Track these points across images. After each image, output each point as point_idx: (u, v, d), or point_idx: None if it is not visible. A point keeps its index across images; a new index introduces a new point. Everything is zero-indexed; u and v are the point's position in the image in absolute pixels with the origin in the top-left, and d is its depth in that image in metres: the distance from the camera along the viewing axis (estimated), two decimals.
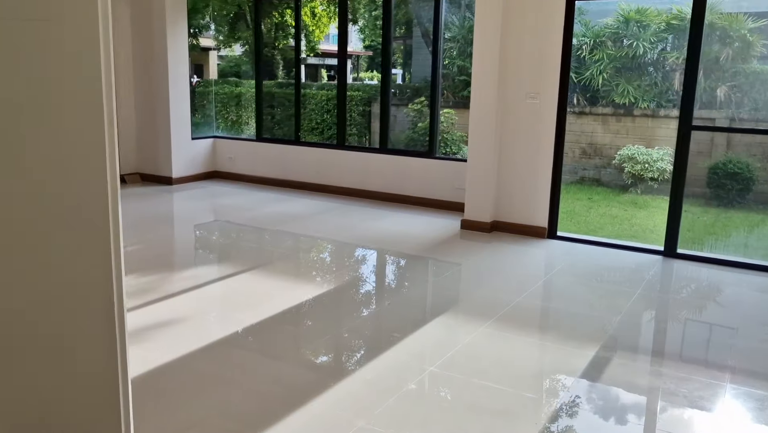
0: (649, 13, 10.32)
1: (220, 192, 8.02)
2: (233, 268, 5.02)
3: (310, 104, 12.21)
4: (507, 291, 4.59)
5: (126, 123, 8.26)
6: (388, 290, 4.72)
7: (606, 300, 4.54)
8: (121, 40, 8.05)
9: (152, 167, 8.39)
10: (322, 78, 21.54)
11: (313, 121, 12.26)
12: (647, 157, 9.90)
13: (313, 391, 3.01)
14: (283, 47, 17.12)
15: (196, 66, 24.06)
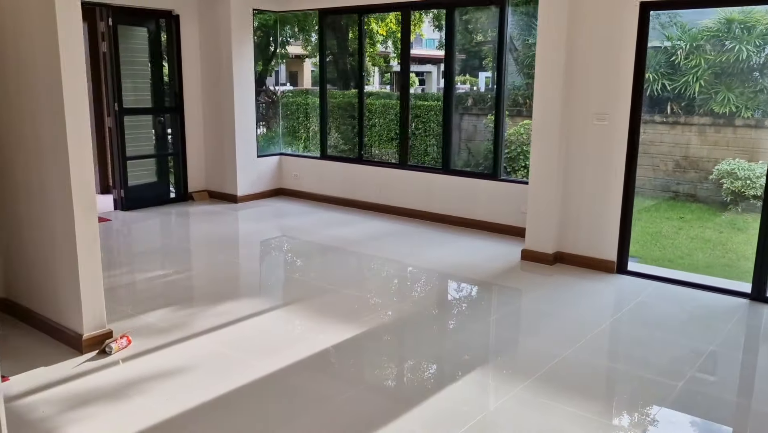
0: (755, 13, 9.32)
1: (282, 211, 7.95)
2: (275, 301, 4.85)
3: (389, 114, 11.99)
4: (558, 341, 4.13)
5: (195, 142, 8.36)
6: (425, 333, 4.37)
7: (671, 357, 3.98)
8: (191, 61, 8.15)
9: (219, 185, 8.45)
10: (414, 84, 21.28)
11: (392, 131, 12.03)
12: (749, 173, 8.93)
13: None
14: (369, 54, 17.04)
15: (290, 74, 24.47)
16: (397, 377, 3.71)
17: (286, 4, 8.34)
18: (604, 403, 3.40)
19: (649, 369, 3.79)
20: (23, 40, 3.81)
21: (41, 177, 3.91)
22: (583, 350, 4.01)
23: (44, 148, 3.83)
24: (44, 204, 3.93)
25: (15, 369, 3.63)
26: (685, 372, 3.73)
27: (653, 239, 8.21)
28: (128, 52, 7.62)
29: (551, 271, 5.64)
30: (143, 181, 8.01)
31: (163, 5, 7.78)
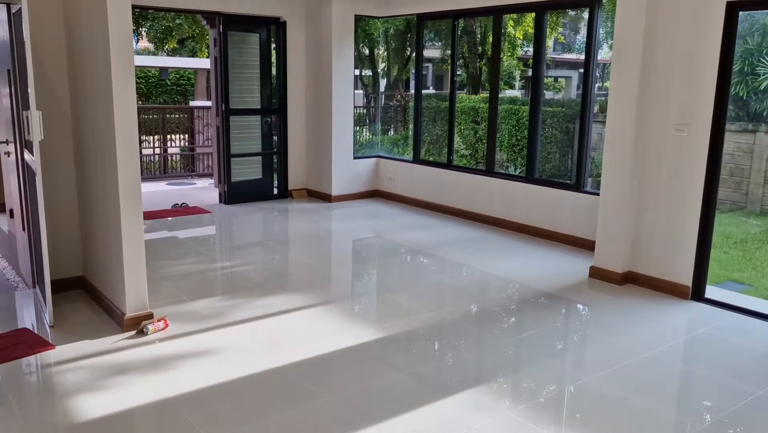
0: None
1: (370, 212, 8.11)
2: (318, 298, 5.00)
3: (511, 120, 11.75)
4: (585, 365, 3.87)
5: (297, 142, 8.78)
6: (447, 341, 4.28)
7: (712, 400, 3.57)
8: (296, 65, 8.57)
9: (317, 184, 8.80)
10: (553, 88, 20.60)
11: (513, 137, 11.77)
12: None
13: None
14: (507, 58, 16.78)
15: (436, 78, 24.68)
16: (391, 385, 3.69)
17: (386, 10, 8.49)
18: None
19: (672, 409, 3.44)
20: (91, 52, 4.28)
21: (102, 172, 4.37)
22: (607, 378, 3.73)
23: (103, 148, 4.28)
24: (104, 196, 4.39)
25: (65, 339, 4.10)
26: (723, 419, 3.34)
27: (745, 256, 7.35)
28: (239, 57, 8.20)
29: (618, 291, 5.26)
30: (247, 178, 8.56)
31: (272, 13, 8.26)
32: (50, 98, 4.71)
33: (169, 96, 21.58)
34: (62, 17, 4.69)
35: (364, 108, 16.46)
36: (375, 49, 17.30)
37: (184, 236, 7.14)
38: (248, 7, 8.00)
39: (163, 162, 12.69)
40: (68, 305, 4.68)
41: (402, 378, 3.75)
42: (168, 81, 21.48)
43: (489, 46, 16.36)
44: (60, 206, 4.89)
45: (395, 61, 18.18)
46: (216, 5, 7.74)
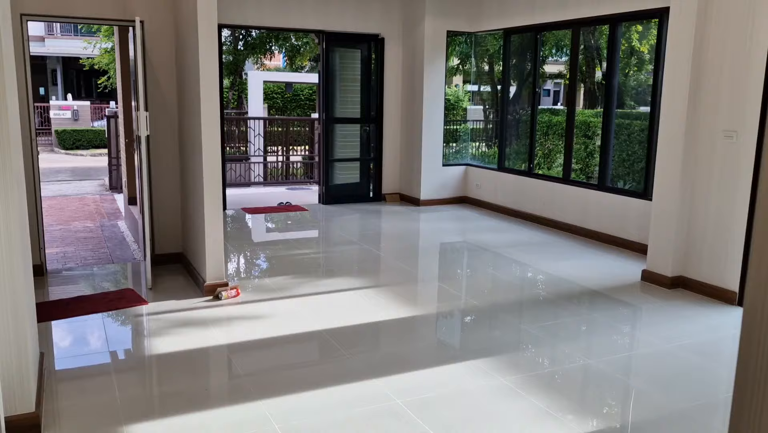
0: None
1: (453, 216, 8.59)
2: (373, 282, 5.60)
3: (622, 135, 11.70)
4: (596, 351, 4.15)
5: (391, 149, 9.47)
6: (491, 321, 4.70)
7: (708, 391, 3.73)
8: (392, 78, 9.28)
9: (408, 189, 9.43)
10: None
11: (624, 152, 11.70)
12: None
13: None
14: (632, 73, 16.48)
15: (589, 93, 24.45)
16: (406, 351, 4.20)
17: (476, 26, 8.98)
18: (579, 406, 3.46)
19: (663, 394, 3.66)
20: (190, 63, 5.22)
21: (192, 162, 5.28)
22: (612, 363, 3.99)
23: (194, 142, 5.19)
24: (195, 186, 5.30)
25: (157, 298, 5.03)
26: (707, 406, 3.52)
27: None
28: (342, 71, 9.06)
29: (666, 295, 5.37)
30: (345, 182, 9.38)
31: (372, 30, 9.04)
32: (161, 103, 5.73)
33: (302, 110, 23.24)
34: (174, 34, 5.71)
35: (482, 122, 16.88)
36: (495, 65, 17.68)
37: (279, 227, 8.06)
38: (350, 25, 8.83)
39: (285, 169, 13.93)
40: (167, 275, 5.65)
41: (419, 347, 4.25)
42: (301, 95, 23.16)
43: (596, 60, 16.19)
44: (166, 194, 5.90)
45: (516, 77, 18.44)
46: (319, 24, 8.65)
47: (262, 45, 15.95)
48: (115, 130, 10.86)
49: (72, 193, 11.15)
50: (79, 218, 8.65)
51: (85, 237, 7.44)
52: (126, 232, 7.72)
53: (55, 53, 25.64)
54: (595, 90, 17.38)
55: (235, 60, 15.93)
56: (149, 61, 5.57)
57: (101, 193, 11.31)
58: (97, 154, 18.38)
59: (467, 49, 17.00)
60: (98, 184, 12.55)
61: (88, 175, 14.12)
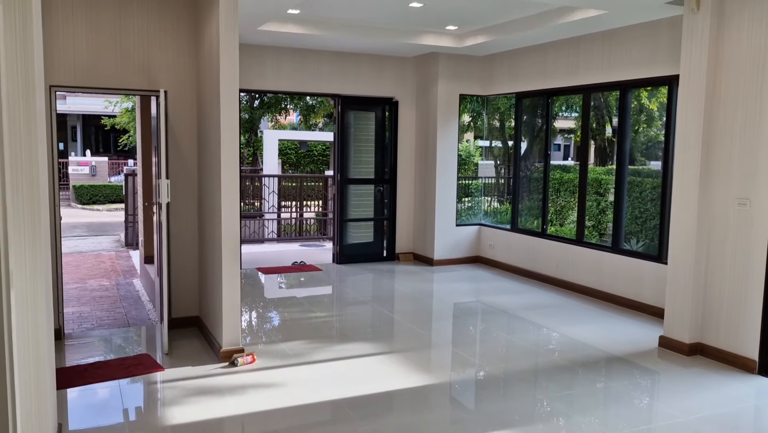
0: None
1: (467, 276, 8.59)
2: (387, 347, 5.59)
3: (634, 192, 11.74)
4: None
5: (405, 209, 9.56)
6: (504, 391, 4.66)
7: None
8: (405, 139, 9.45)
9: (422, 249, 9.47)
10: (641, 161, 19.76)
11: (636, 210, 11.72)
12: None
13: None
14: (642, 130, 16.64)
15: (600, 150, 24.66)
16: (415, 422, 4.16)
17: (488, 90, 9.17)
18: None
19: None
20: (210, 130, 5.37)
21: (212, 230, 5.37)
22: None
23: (213, 211, 5.29)
24: (213, 251, 5.38)
25: (174, 364, 5.04)
26: None
27: None
28: (357, 132, 9.25)
29: (684, 362, 5.31)
30: (359, 241, 9.44)
31: (386, 93, 9.26)
32: (182, 169, 5.87)
33: (316, 165, 23.57)
34: (195, 102, 5.89)
35: (493, 179, 17.00)
36: (506, 122, 17.93)
37: (294, 288, 8.09)
38: (364, 88, 9.06)
39: (299, 225, 14.04)
40: (183, 339, 5.67)
41: (433, 419, 4.22)
42: (315, 152, 23.51)
43: (606, 119, 16.37)
44: (184, 257, 5.98)
45: (527, 133, 18.68)
46: (335, 88, 8.88)
47: (277, 104, 16.31)
48: (132, 187, 11.06)
49: (88, 250, 11.28)
50: (95, 275, 8.74)
51: (101, 296, 7.51)
52: (141, 291, 7.78)
53: (76, 111, 26.30)
54: (605, 147, 17.55)
55: (251, 118, 16.27)
56: (171, 129, 5.74)
57: (117, 249, 11.44)
58: (113, 209, 18.64)
59: (479, 106, 17.29)
60: (114, 240, 12.69)
61: (104, 231, 14.29)
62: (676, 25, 6.16)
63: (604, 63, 7.17)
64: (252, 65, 8.19)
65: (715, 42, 5.22)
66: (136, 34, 5.65)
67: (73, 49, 5.47)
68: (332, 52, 8.74)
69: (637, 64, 6.76)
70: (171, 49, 5.77)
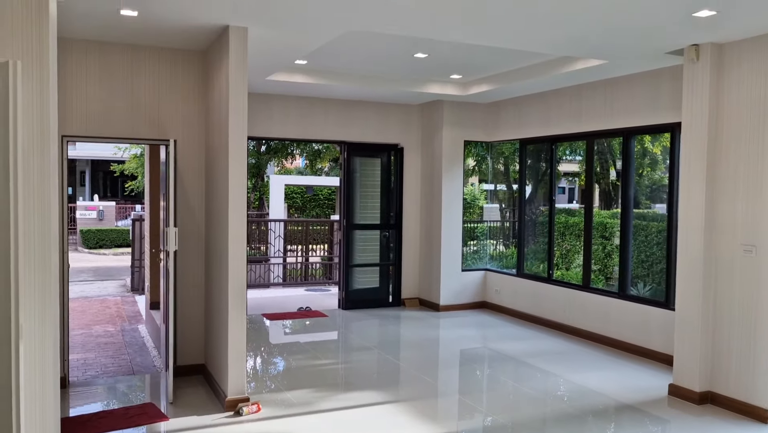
0: None
1: (473, 322, 8.54)
2: (392, 396, 5.54)
3: (640, 236, 11.74)
4: None
5: (410, 254, 9.57)
6: None
7: None
8: (411, 185, 9.53)
9: (427, 294, 9.45)
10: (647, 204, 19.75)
11: (642, 253, 11.69)
12: None
13: None
14: (645, 173, 16.70)
15: (604, 193, 24.72)
16: None
17: (492, 136, 9.29)
18: None
19: None
20: (218, 177, 5.44)
21: (219, 280, 5.39)
22: None
23: (220, 254, 5.32)
24: (219, 300, 5.39)
25: (178, 413, 5.00)
26: None
27: None
28: (362, 177, 9.34)
29: (694, 411, 5.23)
30: (365, 286, 9.43)
31: (391, 140, 9.38)
32: (189, 217, 5.93)
33: (321, 209, 23.68)
34: (204, 150, 5.98)
35: (498, 222, 17.03)
36: (510, 165, 18.06)
37: (300, 335, 8.06)
38: (370, 135, 9.18)
39: (304, 270, 14.04)
40: (188, 387, 5.63)
41: None
42: (321, 195, 23.66)
43: (611, 163, 16.45)
44: (190, 304, 5.99)
45: (531, 177, 18.79)
46: (341, 135, 9.00)
47: (284, 149, 16.53)
48: (139, 232, 11.13)
49: (94, 295, 11.28)
50: (100, 321, 8.73)
51: (106, 342, 7.48)
52: (146, 337, 7.76)
53: (85, 156, 26.66)
54: (610, 190, 17.60)
55: (258, 163, 16.47)
56: (179, 177, 5.82)
57: (122, 294, 11.44)
58: (119, 253, 18.70)
59: (483, 151, 17.44)
60: (120, 285, 12.70)
61: (110, 276, 14.32)
62: (676, 73, 6.27)
63: (606, 110, 7.28)
64: (259, 113, 8.33)
65: (715, 92, 5.31)
66: (147, 85, 5.78)
67: (86, 100, 5.59)
68: (338, 100, 8.90)
69: (640, 111, 6.86)
70: (181, 99, 5.89)
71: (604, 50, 5.81)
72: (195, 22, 5.02)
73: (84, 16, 4.89)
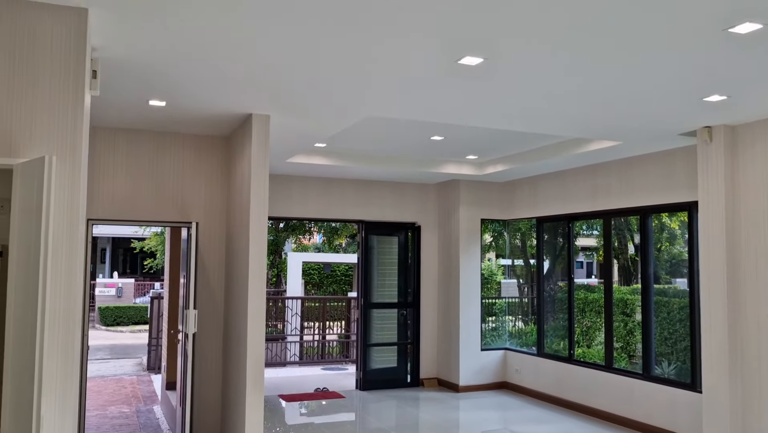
0: None
1: (492, 404, 8.34)
2: None
3: (662, 312, 11.53)
4: None
5: (428, 333, 9.48)
6: None
7: None
8: (428, 263, 9.55)
9: (446, 374, 9.28)
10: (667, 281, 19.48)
11: (665, 330, 11.45)
12: None
13: None
14: (664, 248, 16.58)
15: (623, 268, 24.46)
16: None
17: (509, 214, 9.36)
18: None
19: None
20: (238, 260, 5.51)
21: (237, 355, 5.38)
22: None
23: (238, 336, 5.32)
24: (237, 378, 5.35)
25: None
26: None
27: None
28: (380, 256, 9.39)
29: None
30: (382, 366, 9.31)
31: (409, 219, 9.48)
32: (209, 296, 5.97)
33: (338, 286, 23.65)
34: (225, 231, 6.08)
35: (516, 298, 16.85)
36: (527, 240, 18.04)
37: (317, 417, 7.91)
38: (388, 214, 9.30)
39: (321, 348, 13.89)
40: None
41: None
42: (338, 272, 23.68)
43: (629, 238, 16.37)
44: (207, 386, 5.94)
45: (549, 252, 18.72)
46: (359, 214, 9.13)
47: (302, 227, 16.72)
48: (158, 310, 11.16)
49: (110, 374, 11.22)
50: (115, 402, 8.64)
51: (121, 424, 7.39)
52: (162, 419, 7.66)
53: (106, 234, 27.10)
54: (629, 265, 17.43)
55: (276, 240, 16.64)
56: (200, 258, 5.91)
57: (138, 373, 11.37)
58: (136, 330, 18.68)
59: (500, 226, 17.49)
60: (136, 363, 12.64)
61: (126, 354, 14.28)
62: (691, 152, 6.35)
63: (622, 188, 7.34)
64: (279, 193, 8.50)
65: (730, 172, 5.37)
66: (172, 169, 5.97)
67: (113, 184, 5.77)
68: (356, 180, 9.07)
69: (656, 189, 6.91)
70: (204, 183, 6.05)
71: (616, 133, 5.93)
72: (219, 111, 5.22)
73: (114, 106, 5.12)
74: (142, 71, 4.26)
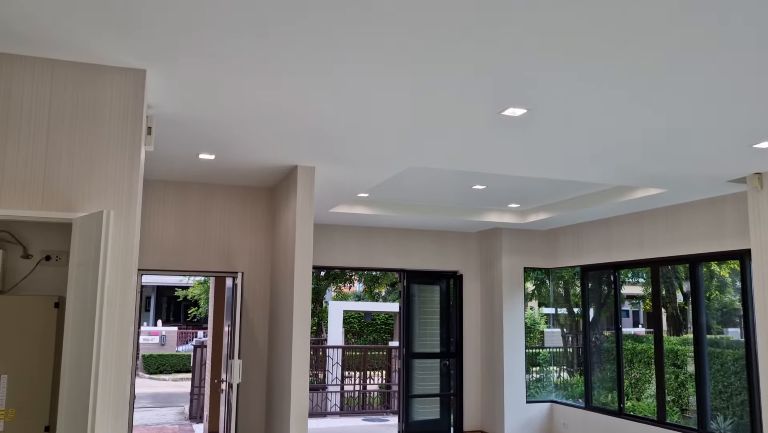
0: None
1: None
2: None
3: (715, 364, 11.11)
4: None
5: (472, 384, 9.30)
6: None
7: None
8: (471, 312, 9.43)
9: (490, 427, 9.05)
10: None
11: (719, 383, 11.01)
12: None
13: None
14: (714, 297, 16.06)
15: (672, 318, 23.75)
16: None
17: (552, 262, 9.23)
18: None
19: None
20: (282, 309, 5.55)
21: (281, 406, 5.36)
22: None
23: (282, 385, 5.31)
24: (280, 429, 5.32)
25: None
26: None
27: None
28: (422, 304, 9.33)
29: None
30: (425, 417, 9.14)
31: (451, 267, 9.43)
32: (253, 345, 6.00)
33: (378, 334, 23.48)
34: (270, 281, 6.15)
35: (560, 348, 16.44)
36: (571, 289, 17.69)
37: None
38: (429, 263, 9.27)
39: (362, 398, 13.73)
40: None
41: None
42: (378, 320, 23.56)
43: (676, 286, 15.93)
44: None
45: (595, 301, 18.29)
46: (401, 263, 9.12)
47: (342, 275, 16.78)
48: (201, 359, 11.23)
49: (152, 423, 11.27)
50: None
51: None
52: None
53: (152, 283, 27.62)
54: (678, 315, 16.89)
55: (317, 289, 16.71)
56: (245, 308, 5.97)
57: (180, 422, 11.38)
58: (179, 379, 18.80)
59: (542, 274, 17.24)
60: (178, 412, 12.67)
61: (168, 402, 14.34)
62: (741, 198, 6.21)
63: (669, 237, 7.19)
64: (322, 243, 8.58)
65: None
66: (219, 220, 6.10)
67: (162, 235, 5.93)
68: (398, 228, 9.11)
69: (705, 237, 6.74)
70: (249, 233, 6.17)
71: (662, 180, 5.85)
72: (266, 163, 5.35)
73: (166, 159, 5.31)
74: (193, 127, 4.42)
